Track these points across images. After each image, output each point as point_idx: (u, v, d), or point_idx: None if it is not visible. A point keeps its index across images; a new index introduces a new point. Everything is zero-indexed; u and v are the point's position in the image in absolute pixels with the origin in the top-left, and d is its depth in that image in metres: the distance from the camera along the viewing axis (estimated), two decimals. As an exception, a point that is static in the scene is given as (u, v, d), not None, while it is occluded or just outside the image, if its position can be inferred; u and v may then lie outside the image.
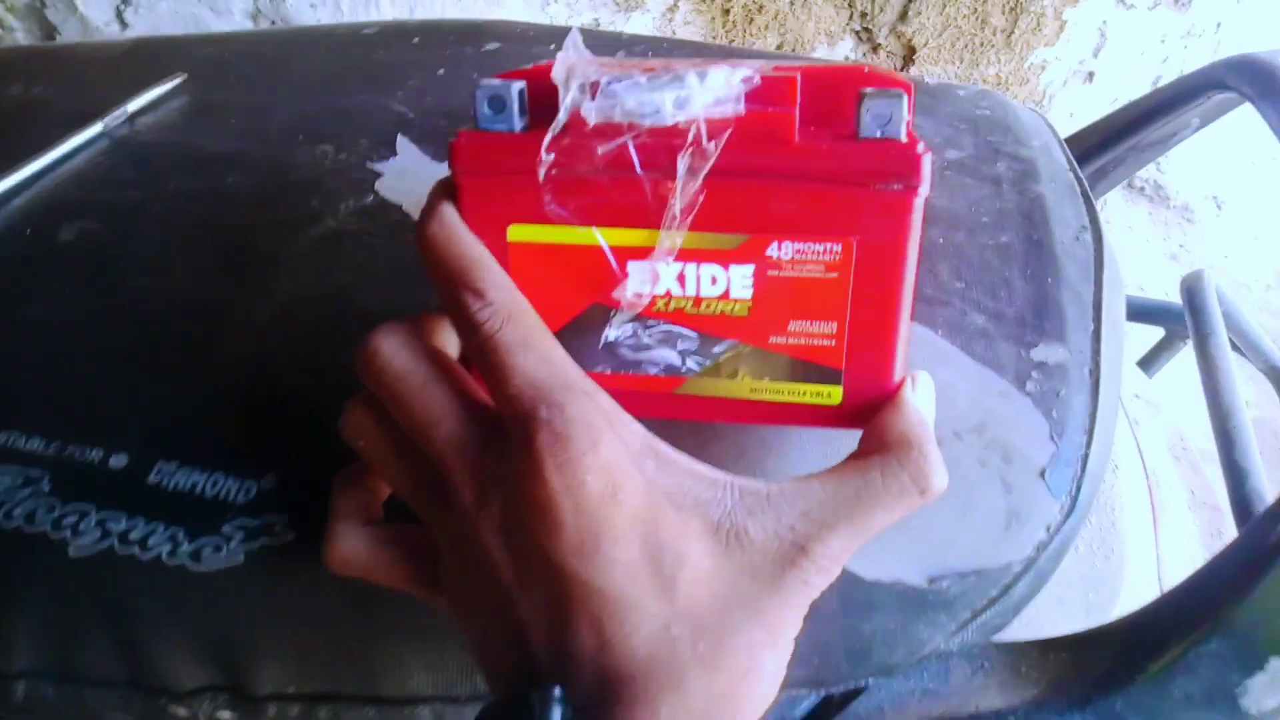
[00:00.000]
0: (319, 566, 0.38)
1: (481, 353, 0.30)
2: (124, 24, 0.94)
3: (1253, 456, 0.46)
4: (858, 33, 1.37)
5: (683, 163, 0.30)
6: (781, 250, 0.32)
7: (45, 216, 0.50)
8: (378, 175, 0.50)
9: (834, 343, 0.33)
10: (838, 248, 0.31)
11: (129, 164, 0.53)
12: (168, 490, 0.38)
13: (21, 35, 1.09)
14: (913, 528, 0.37)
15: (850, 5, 1.33)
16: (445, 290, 0.31)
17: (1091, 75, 1.43)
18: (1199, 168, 1.86)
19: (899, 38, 1.35)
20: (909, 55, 1.36)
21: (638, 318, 0.33)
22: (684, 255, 0.32)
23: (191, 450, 0.39)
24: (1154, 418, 0.64)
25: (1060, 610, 0.48)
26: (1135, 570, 0.52)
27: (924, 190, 0.30)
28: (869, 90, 0.30)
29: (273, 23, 1.05)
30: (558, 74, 0.31)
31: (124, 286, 0.46)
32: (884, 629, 0.37)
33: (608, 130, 0.30)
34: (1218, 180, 1.87)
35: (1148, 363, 0.72)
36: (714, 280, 0.32)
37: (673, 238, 0.32)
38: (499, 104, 0.31)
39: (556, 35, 0.61)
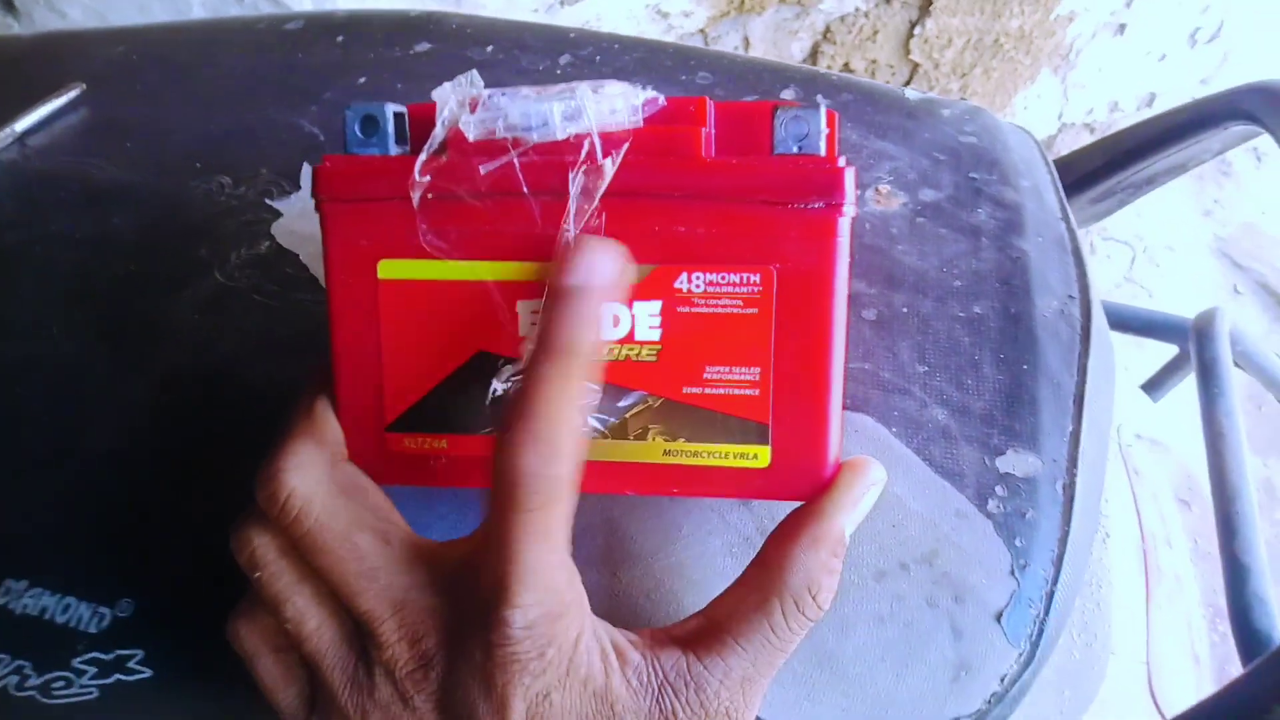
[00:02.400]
0: (180, 708, 0.34)
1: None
2: (61, 14, 0.87)
3: (1255, 550, 0.40)
4: (870, -19, 1.27)
5: (575, 182, 0.27)
6: (692, 282, 0.28)
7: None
8: (276, 215, 0.45)
9: (758, 392, 0.28)
10: (756, 278, 0.27)
11: (12, 197, 0.48)
12: (14, 614, 0.34)
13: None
14: (847, 677, 0.32)
15: (859, -48, 1.23)
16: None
17: (1123, 27, 1.32)
18: (1239, 117, 1.74)
19: (914, -13, 1.25)
20: (925, 6, 1.26)
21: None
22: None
23: (43, 569, 0.35)
24: (1158, 461, 0.58)
25: (1031, 710, 0.44)
26: (1120, 655, 0.47)
27: (849, 210, 0.27)
28: (784, 112, 0.27)
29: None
30: (439, 91, 0.28)
31: (-5, 352, 0.42)
32: (813, 782, 0.33)
33: (490, 148, 0.27)
34: (1258, 131, 1.76)
35: (1155, 386, 0.66)
36: (616, 320, 0.28)
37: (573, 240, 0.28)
38: (371, 126, 0.28)
39: (497, 34, 0.55)
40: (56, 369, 0.41)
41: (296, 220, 0.45)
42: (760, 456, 0.29)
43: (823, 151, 0.27)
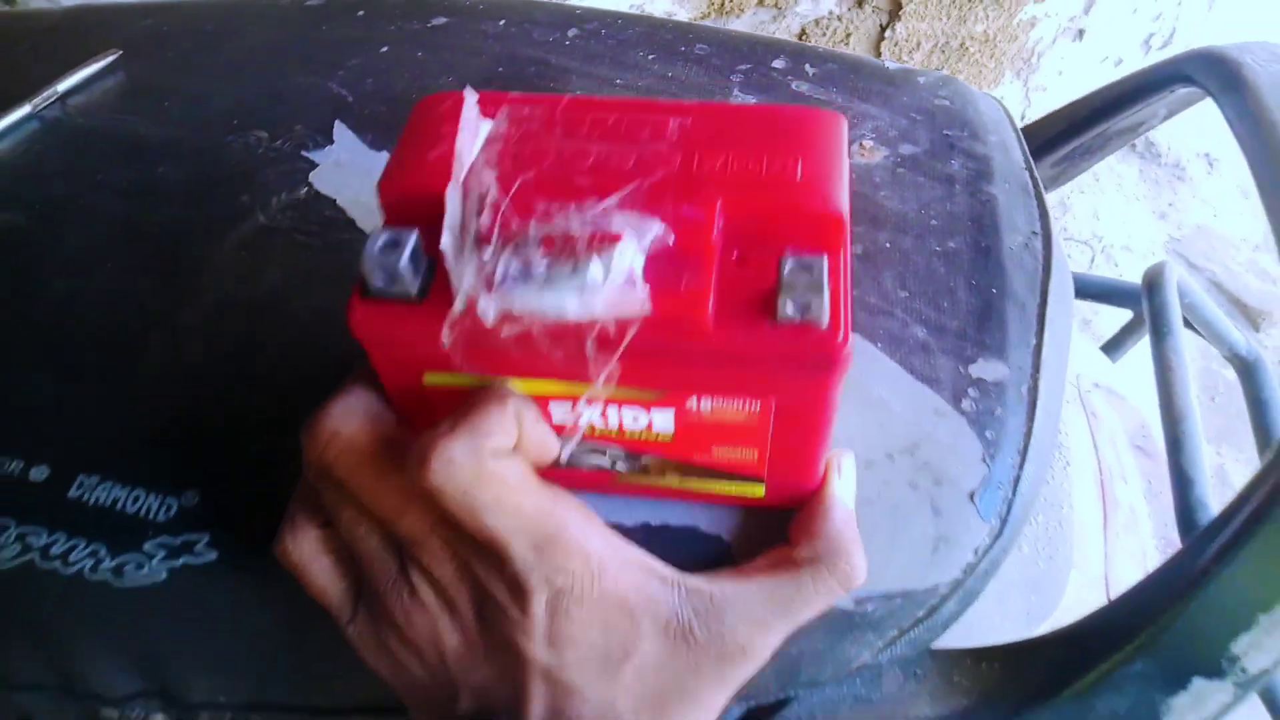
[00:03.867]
0: (243, 585, 0.37)
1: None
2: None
3: (1200, 465, 0.45)
4: (843, -14, 1.33)
5: (591, 347, 0.29)
6: (700, 404, 0.31)
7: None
8: (313, 165, 0.49)
9: (756, 459, 0.33)
10: (757, 405, 0.31)
11: (58, 151, 0.51)
12: (89, 505, 0.38)
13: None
14: (840, 551, 0.36)
15: (835, -42, 1.29)
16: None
17: (1082, 33, 1.40)
18: (1192, 126, 1.83)
19: (885, -8, 1.31)
20: (895, 11, 1.32)
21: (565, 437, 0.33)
22: (605, 401, 0.32)
23: (113, 464, 0.38)
24: (1116, 408, 0.63)
25: (1001, 612, 0.48)
26: (1082, 570, 0.52)
27: (845, 369, 0.29)
28: (789, 265, 0.28)
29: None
30: (446, 242, 0.29)
31: (47, 287, 0.45)
32: (811, 649, 0.37)
33: (509, 317, 0.28)
34: (1210, 139, 1.84)
35: (1113, 347, 0.71)
36: (636, 419, 0.32)
37: (593, 399, 0.31)
38: (391, 275, 0.29)
39: (508, 9, 0.59)
40: (109, 299, 0.44)
41: (332, 170, 0.49)
42: (757, 491, 0.35)
43: (825, 320, 0.28)
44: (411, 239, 0.29)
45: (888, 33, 1.34)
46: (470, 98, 0.32)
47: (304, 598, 0.37)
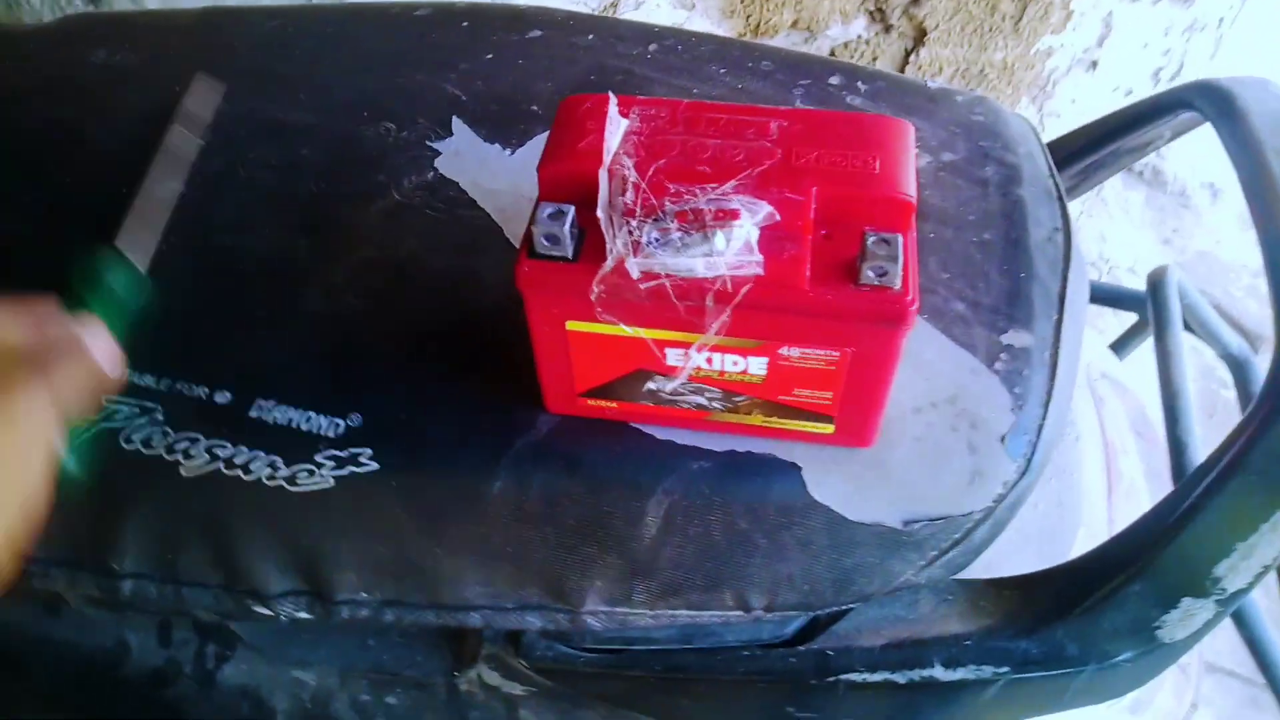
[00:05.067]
0: (395, 493, 0.45)
1: None
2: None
3: (1192, 431, 0.53)
4: (871, 13, 1.41)
5: (710, 300, 0.37)
6: (791, 352, 0.39)
7: (136, 177, 0.56)
8: (436, 154, 0.57)
9: (829, 402, 0.41)
10: (836, 354, 0.39)
11: (212, 131, 0.59)
12: (267, 423, 0.45)
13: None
14: (893, 478, 0.44)
15: (865, -14, 1.37)
16: None
17: (1095, 64, 1.48)
18: (1198, 155, 1.91)
19: (910, 19, 1.39)
20: (919, 37, 1.40)
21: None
22: (712, 348, 0.39)
23: (286, 390, 0.46)
24: (1120, 396, 0.71)
25: (1018, 558, 0.56)
26: (1089, 528, 0.59)
27: (911, 325, 0.37)
28: (870, 239, 0.36)
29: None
30: (601, 213, 0.37)
31: (213, 244, 0.53)
32: (864, 562, 0.44)
33: (650, 275, 0.36)
34: (1215, 168, 1.92)
35: (1120, 345, 0.79)
36: (736, 363, 0.40)
37: (704, 344, 0.39)
38: (554, 239, 0.37)
39: (596, 26, 0.67)
40: (266, 255, 0.52)
41: (453, 159, 0.57)
42: (827, 429, 0.43)
43: (898, 284, 0.36)
44: (570, 211, 0.38)
45: (912, 57, 1.43)
46: (613, 100, 0.40)
47: (436, 508, 0.45)
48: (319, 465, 0.45)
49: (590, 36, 0.66)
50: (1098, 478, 0.62)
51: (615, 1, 1.41)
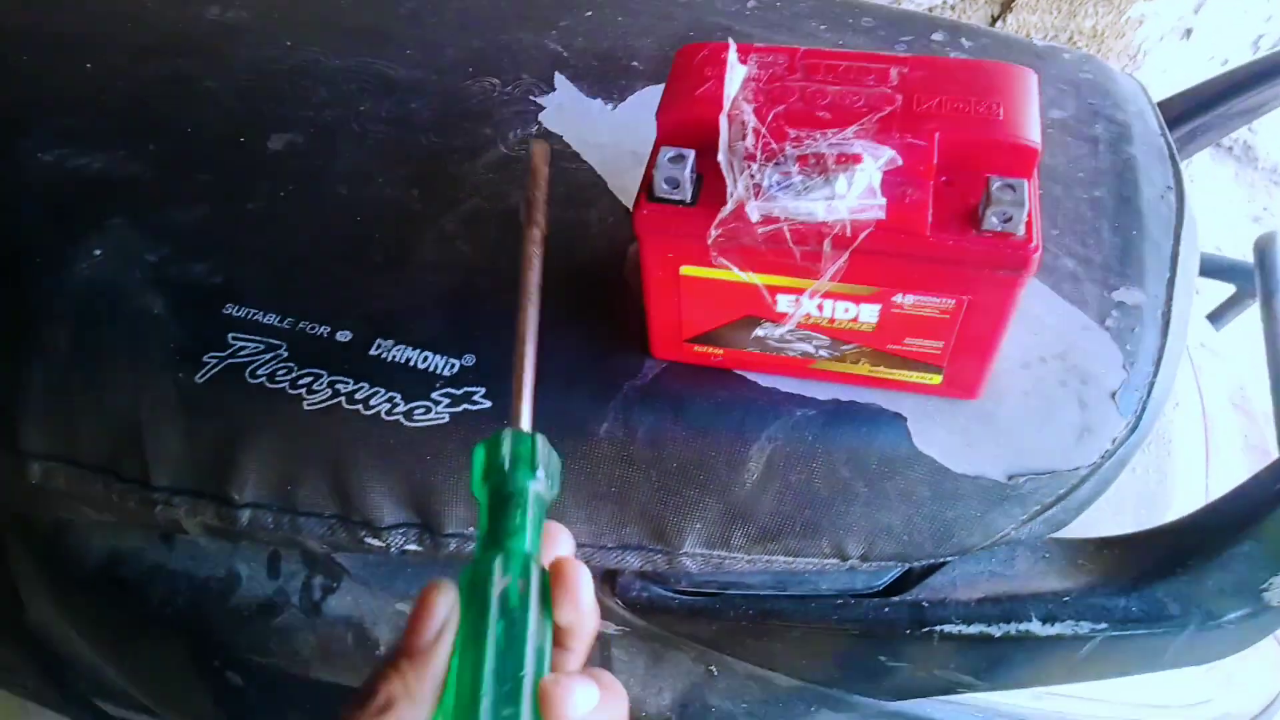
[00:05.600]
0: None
1: None
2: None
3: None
4: (957, -22, 1.38)
5: (828, 245, 0.37)
6: (905, 299, 0.39)
7: (253, 128, 0.58)
8: (540, 109, 0.58)
9: (939, 352, 0.41)
10: (951, 302, 0.39)
11: (324, 84, 0.61)
12: (386, 361, 0.47)
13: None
14: (999, 431, 0.44)
15: (952, -50, 1.35)
16: None
17: (1190, 32, 1.43)
18: (1292, 130, 1.83)
19: (998, -15, 1.36)
20: (1008, 3, 1.37)
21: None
22: (824, 295, 0.40)
23: (405, 330, 0.48)
24: (1218, 366, 0.69)
25: (1116, 521, 0.55)
26: (1185, 495, 0.58)
27: (1033, 272, 0.36)
28: (995, 184, 0.35)
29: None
30: (722, 157, 0.38)
31: (329, 193, 0.55)
32: (965, 515, 0.45)
33: (769, 219, 0.37)
34: (1311, 144, 1.85)
35: (1216, 317, 0.77)
36: (847, 310, 0.40)
37: (817, 290, 0.39)
38: (674, 182, 0.38)
39: (693, -17, 0.67)
40: (382, 204, 0.54)
41: (556, 113, 0.58)
42: (934, 379, 0.43)
43: (1021, 230, 0.35)
44: (691, 156, 0.38)
45: (998, 24, 1.40)
46: (732, 46, 0.41)
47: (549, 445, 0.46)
48: (435, 402, 0.46)
49: (690, -7, 0.66)
50: (1196, 447, 0.61)
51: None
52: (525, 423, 0.31)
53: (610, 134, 0.56)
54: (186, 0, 0.69)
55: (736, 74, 0.40)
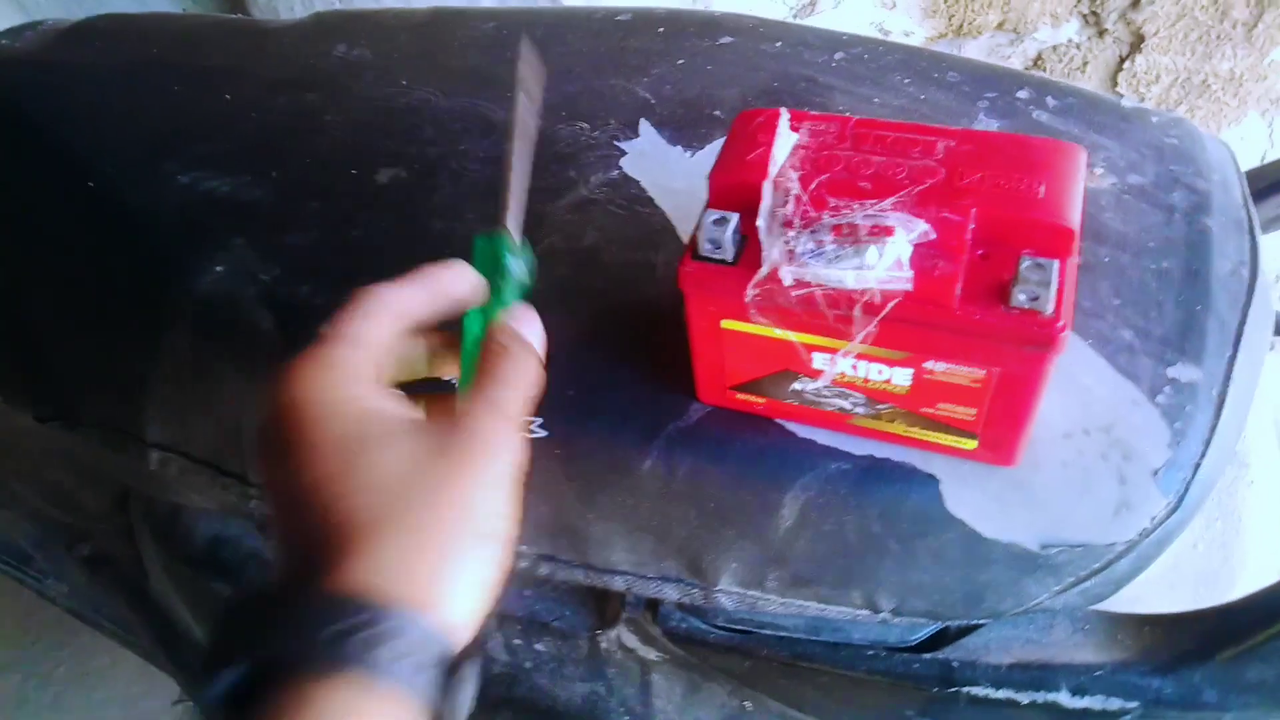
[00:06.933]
0: (558, 460, 0.50)
1: None
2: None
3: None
4: (1085, 16, 1.35)
5: (859, 310, 0.39)
6: (936, 366, 0.41)
7: (364, 161, 0.64)
8: (623, 154, 0.61)
9: (973, 418, 0.42)
10: (982, 372, 0.40)
11: (431, 124, 0.66)
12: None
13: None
14: (1034, 500, 0.44)
15: (1080, -13, 1.31)
16: None
17: (1342, 76, 1.34)
18: None
19: (1128, 24, 1.32)
20: (1136, 43, 1.32)
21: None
22: (857, 356, 0.41)
23: (473, 360, 0.52)
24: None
25: (1172, 598, 0.54)
26: (1251, 576, 0.56)
27: (1059, 350, 0.37)
28: (1025, 263, 0.36)
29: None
30: (761, 222, 0.40)
31: (424, 226, 0.59)
32: (997, 580, 0.45)
33: (802, 282, 0.39)
34: None
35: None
36: (880, 372, 0.42)
37: (849, 351, 0.41)
38: (716, 243, 0.41)
39: (785, 33, 0.69)
40: (469, 241, 0.58)
41: (637, 159, 0.61)
42: (969, 444, 0.44)
43: (1050, 308, 0.36)
44: (734, 219, 0.41)
45: (1126, 64, 1.35)
46: (784, 115, 0.43)
47: (592, 477, 0.49)
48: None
49: (778, 44, 0.68)
50: (1270, 525, 0.59)
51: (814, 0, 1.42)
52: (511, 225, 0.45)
53: (686, 181, 0.59)
54: (318, 38, 0.76)
55: (786, 141, 0.42)
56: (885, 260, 0.38)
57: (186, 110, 0.71)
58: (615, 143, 0.62)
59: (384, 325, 0.37)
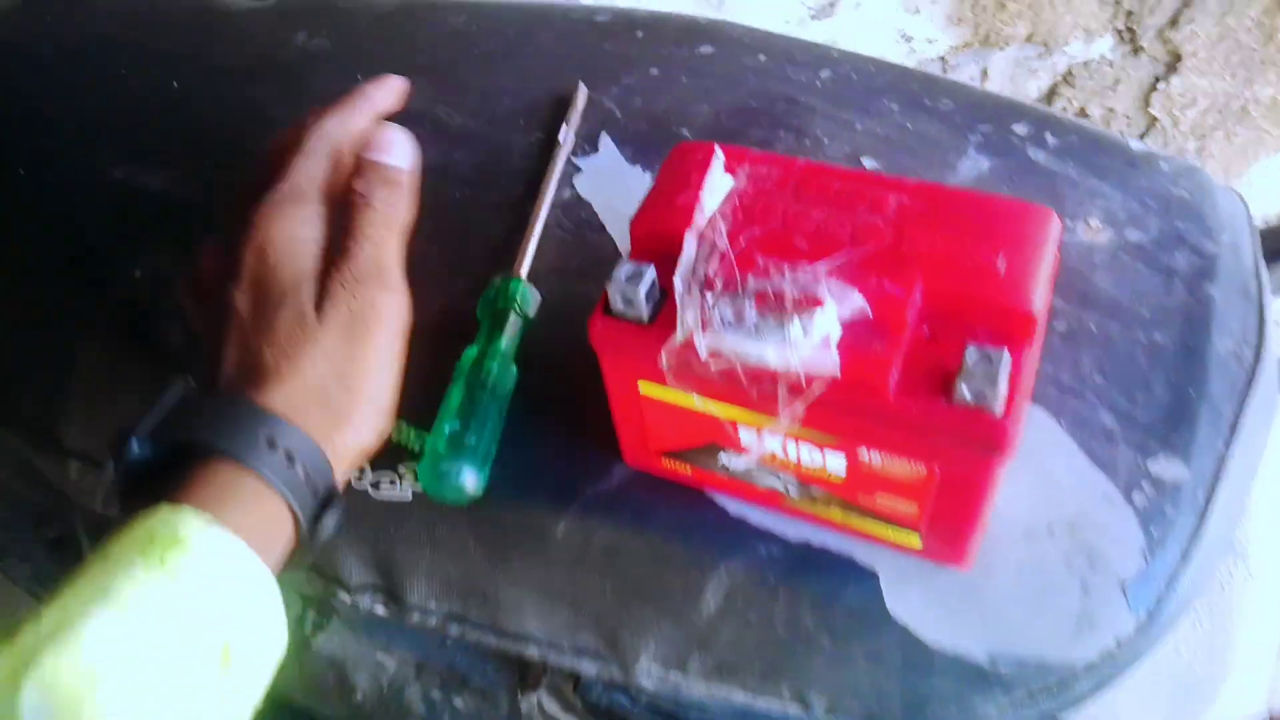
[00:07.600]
0: (466, 520, 0.45)
1: None
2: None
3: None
4: (1120, 31, 1.27)
5: (783, 391, 0.33)
6: (871, 456, 0.35)
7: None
8: (578, 170, 0.56)
9: (915, 515, 0.37)
10: (922, 467, 0.34)
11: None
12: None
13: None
14: (984, 606, 0.39)
15: (1117, 1, 1.24)
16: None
17: (1394, 107, 1.26)
18: None
19: (1165, 42, 1.24)
20: (1173, 63, 1.25)
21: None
22: (787, 436, 0.36)
23: (385, 399, 0.47)
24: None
25: (1145, 705, 0.49)
26: (1245, 686, 0.51)
27: (1010, 456, 0.32)
28: (971, 354, 0.31)
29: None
30: (678, 281, 0.35)
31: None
32: (941, 691, 0.40)
33: (718, 354, 0.33)
34: None
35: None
36: (813, 456, 0.37)
37: (776, 431, 0.36)
38: (629, 300, 0.35)
39: (770, 45, 0.64)
40: (410, 260, 0.53)
41: (593, 177, 0.56)
42: (912, 541, 0.39)
43: (999, 408, 0.31)
44: (649, 274, 0.35)
45: (1161, 85, 1.27)
46: (717, 155, 0.38)
47: (508, 540, 0.45)
48: (400, 476, 0.46)
49: (762, 57, 0.63)
50: (1270, 629, 0.53)
51: (834, 1, 1.35)
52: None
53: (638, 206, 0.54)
54: (279, 25, 0.71)
55: (720, 185, 0.37)
56: (811, 338, 0.32)
57: (130, 96, 0.67)
58: (572, 158, 0.57)
59: (326, 160, 0.44)
